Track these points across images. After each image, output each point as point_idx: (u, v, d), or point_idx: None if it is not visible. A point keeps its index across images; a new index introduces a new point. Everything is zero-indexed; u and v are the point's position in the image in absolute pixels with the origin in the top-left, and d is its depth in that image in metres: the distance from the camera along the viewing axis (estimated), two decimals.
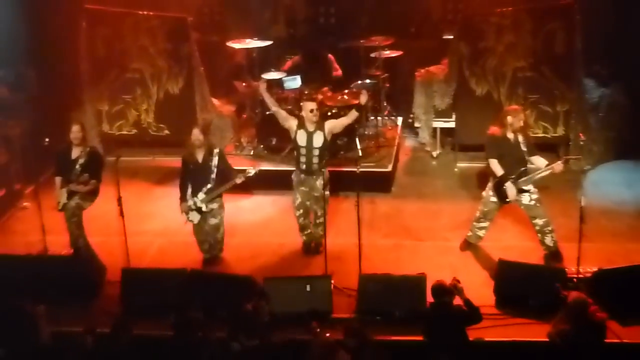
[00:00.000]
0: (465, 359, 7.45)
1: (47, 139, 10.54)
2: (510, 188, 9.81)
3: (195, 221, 10.21)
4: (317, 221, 10.42)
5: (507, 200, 9.95)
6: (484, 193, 10.30)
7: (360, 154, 10.60)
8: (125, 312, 9.25)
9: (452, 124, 13.30)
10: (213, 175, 10.09)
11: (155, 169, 12.84)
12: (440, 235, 11.07)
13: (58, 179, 10.25)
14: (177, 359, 7.83)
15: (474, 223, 10.42)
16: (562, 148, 12.59)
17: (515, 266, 9.54)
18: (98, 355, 7.79)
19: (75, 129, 10.16)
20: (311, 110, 10.11)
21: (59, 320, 8.71)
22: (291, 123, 10.35)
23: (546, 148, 11.81)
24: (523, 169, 9.86)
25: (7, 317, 8.14)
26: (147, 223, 11.31)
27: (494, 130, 10.12)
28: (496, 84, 12.59)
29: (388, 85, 13.51)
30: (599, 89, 12.72)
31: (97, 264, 10.19)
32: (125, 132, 13.54)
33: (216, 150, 10.19)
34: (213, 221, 10.27)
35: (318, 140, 10.15)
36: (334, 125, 10.43)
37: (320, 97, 10.27)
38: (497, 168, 9.93)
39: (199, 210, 10.14)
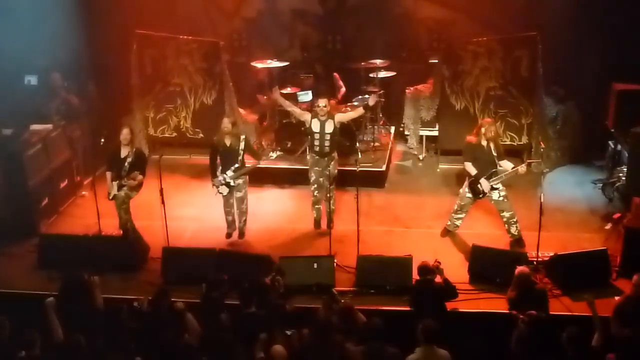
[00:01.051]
0: (443, 326, 7.39)
1: (102, 140, 10.57)
2: (484, 183, 9.79)
3: (225, 193, 10.28)
4: (328, 195, 10.35)
5: (480, 195, 9.92)
6: (461, 190, 10.27)
7: (360, 156, 10.56)
8: (165, 283, 9.25)
9: (435, 133, 13.22)
10: (240, 157, 10.16)
11: (191, 166, 12.75)
12: (424, 223, 11.02)
13: (109, 174, 10.20)
14: (205, 320, 7.83)
15: (452, 214, 10.37)
16: (525, 154, 12.46)
17: (486, 250, 9.54)
18: (144, 317, 7.79)
19: (124, 132, 10.09)
20: (325, 105, 10.22)
21: (110, 288, 8.74)
22: (306, 116, 10.45)
23: (512, 154, 11.75)
24: (494, 170, 9.83)
25: (68, 285, 8.18)
26: (183, 210, 11.21)
27: (470, 138, 10.10)
28: (472, 100, 12.51)
29: (383, 100, 13.40)
30: (556, 106, 12.62)
31: (141, 243, 10.20)
32: (167, 135, 13.49)
33: (242, 137, 10.28)
34: (238, 194, 10.33)
35: (329, 127, 10.22)
36: (342, 116, 10.60)
37: (328, 107, 10.30)
38: (471, 169, 9.92)
39: (227, 184, 10.19)
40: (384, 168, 12.47)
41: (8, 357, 7.21)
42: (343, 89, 13.15)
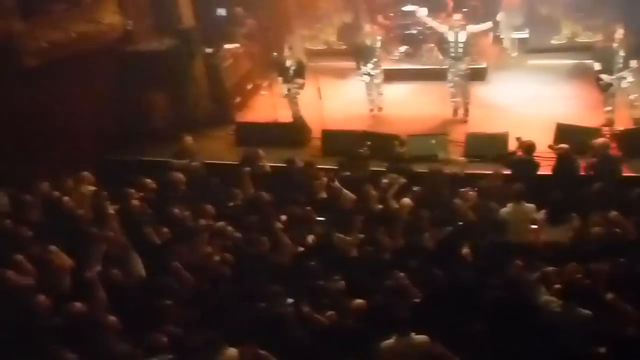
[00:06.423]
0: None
1: (274, 53, 10.49)
2: (605, 77, 8.87)
3: (367, 81, 10.21)
4: (464, 90, 9.90)
5: (607, 88, 8.95)
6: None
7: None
8: (323, 155, 9.23)
9: (526, 35, 12.22)
10: (377, 53, 10.06)
11: (338, 70, 12.11)
12: (515, 106, 10.23)
13: (280, 79, 10.09)
14: None
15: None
16: None
17: (568, 127, 8.78)
18: None
19: (287, 47, 10.07)
20: (459, 19, 9.71)
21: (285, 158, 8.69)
22: (444, 28, 9.86)
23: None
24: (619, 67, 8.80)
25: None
26: (334, 102, 10.71)
27: (600, 44, 9.33)
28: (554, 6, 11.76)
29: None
30: None
31: (306, 127, 10.12)
32: (319, 47, 13.25)
33: (379, 37, 10.26)
34: (376, 81, 10.21)
35: (462, 36, 9.54)
36: (474, 28, 9.84)
37: (461, 20, 9.70)
38: (595, 67, 9.01)
39: (368, 74, 10.11)
40: (485, 65, 11.57)
41: (220, 205, 7.57)
42: (451, 3, 12.16)
